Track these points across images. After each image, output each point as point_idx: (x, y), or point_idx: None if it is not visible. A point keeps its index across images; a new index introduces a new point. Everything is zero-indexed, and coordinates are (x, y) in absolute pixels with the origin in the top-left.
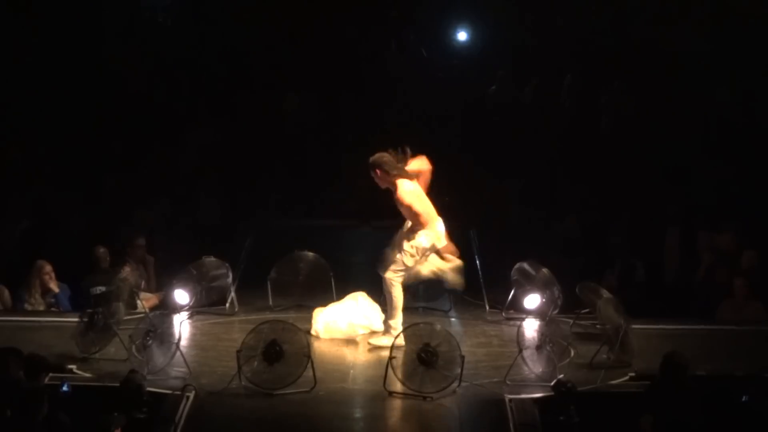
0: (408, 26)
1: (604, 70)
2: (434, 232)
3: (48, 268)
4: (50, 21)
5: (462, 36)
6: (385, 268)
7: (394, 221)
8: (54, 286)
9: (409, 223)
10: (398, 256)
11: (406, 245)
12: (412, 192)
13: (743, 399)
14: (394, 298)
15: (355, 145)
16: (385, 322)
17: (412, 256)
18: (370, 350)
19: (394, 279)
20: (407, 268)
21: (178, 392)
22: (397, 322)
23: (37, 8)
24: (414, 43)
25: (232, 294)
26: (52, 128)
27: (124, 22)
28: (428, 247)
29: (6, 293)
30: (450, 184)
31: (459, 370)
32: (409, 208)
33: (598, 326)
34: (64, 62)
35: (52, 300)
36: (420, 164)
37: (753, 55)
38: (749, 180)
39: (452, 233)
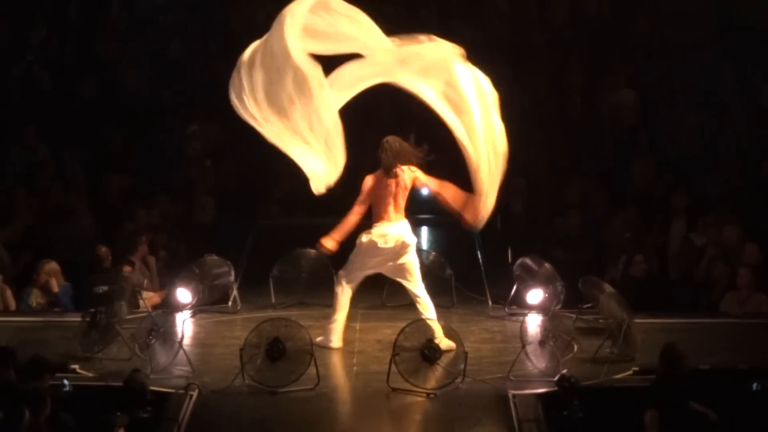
0: None
1: (608, 65)
2: None
3: (48, 267)
4: (52, 20)
5: None
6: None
7: None
8: (54, 286)
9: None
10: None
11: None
12: None
13: (754, 387)
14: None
15: (356, 143)
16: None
17: None
18: (372, 347)
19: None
20: None
21: (182, 391)
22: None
23: (39, 6)
24: None
25: (235, 292)
26: (54, 127)
27: (124, 21)
28: None
29: (8, 292)
30: (453, 179)
31: (462, 366)
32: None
33: (601, 321)
34: (66, 61)
35: (53, 299)
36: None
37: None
38: (754, 173)
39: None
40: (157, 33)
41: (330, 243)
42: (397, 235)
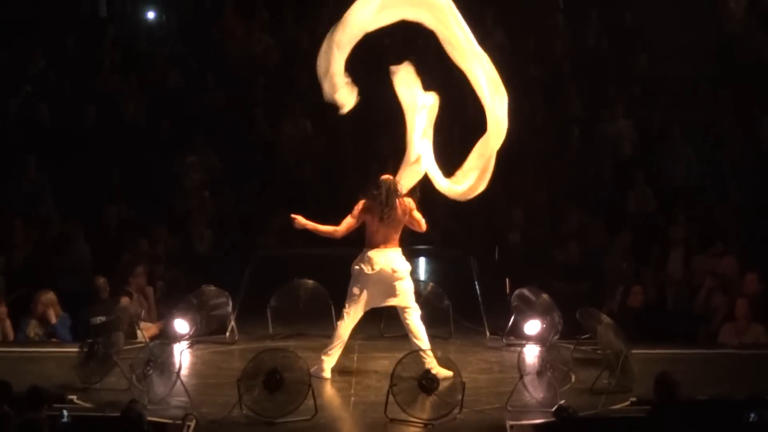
0: None
1: (606, 97)
2: None
3: (45, 298)
4: (50, 51)
5: None
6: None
7: None
8: (51, 317)
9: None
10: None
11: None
12: None
13: (751, 418)
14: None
15: (354, 173)
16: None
17: None
18: (370, 377)
19: None
20: None
21: (179, 422)
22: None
23: (38, 37)
24: None
25: (232, 323)
26: (52, 158)
27: (123, 52)
28: None
29: (6, 323)
30: (450, 210)
31: (460, 397)
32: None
33: (598, 351)
34: (65, 92)
35: (51, 330)
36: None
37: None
38: (751, 203)
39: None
40: (155, 64)
41: (301, 219)
42: (383, 262)
